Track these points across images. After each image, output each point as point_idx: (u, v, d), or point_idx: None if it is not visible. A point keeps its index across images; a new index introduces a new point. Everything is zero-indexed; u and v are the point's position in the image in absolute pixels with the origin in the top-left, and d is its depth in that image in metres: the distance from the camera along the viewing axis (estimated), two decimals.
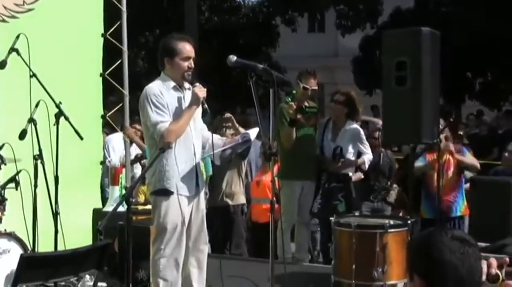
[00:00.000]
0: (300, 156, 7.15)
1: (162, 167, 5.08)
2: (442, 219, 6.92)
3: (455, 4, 19.12)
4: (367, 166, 7.52)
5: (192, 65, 5.24)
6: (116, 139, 8.80)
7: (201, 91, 5.16)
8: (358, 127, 7.64)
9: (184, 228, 5.16)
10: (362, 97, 10.37)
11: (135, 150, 8.41)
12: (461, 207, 7.07)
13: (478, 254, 2.32)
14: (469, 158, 7.21)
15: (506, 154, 7.84)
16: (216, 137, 5.61)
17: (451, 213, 7.04)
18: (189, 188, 5.18)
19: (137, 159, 8.37)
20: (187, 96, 5.22)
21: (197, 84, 5.20)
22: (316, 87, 7.34)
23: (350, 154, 7.38)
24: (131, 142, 7.92)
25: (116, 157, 8.73)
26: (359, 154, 7.45)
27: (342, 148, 7.29)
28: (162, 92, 5.15)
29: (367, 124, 13.69)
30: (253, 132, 5.53)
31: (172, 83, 5.22)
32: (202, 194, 5.37)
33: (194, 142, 5.24)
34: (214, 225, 7.97)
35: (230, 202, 7.96)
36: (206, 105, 5.23)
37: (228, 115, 8.08)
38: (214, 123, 7.41)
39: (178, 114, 5.12)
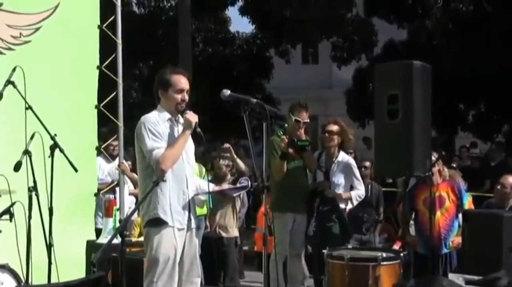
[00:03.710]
0: (291, 188, 7.20)
1: (156, 197, 5.10)
2: (434, 255, 6.94)
3: (448, 37, 19.28)
4: (355, 202, 7.52)
5: (186, 97, 5.29)
6: (102, 160, 8.75)
7: (193, 117, 5.21)
8: (351, 159, 7.68)
9: (176, 260, 5.15)
10: (355, 129, 10.39)
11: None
12: (451, 242, 7.11)
13: None
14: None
15: (498, 187, 7.87)
16: (203, 181, 5.59)
17: (441, 249, 7.08)
18: (181, 221, 5.19)
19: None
20: (181, 129, 5.26)
21: (188, 111, 5.25)
22: (308, 120, 7.37)
23: (342, 188, 7.41)
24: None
25: (105, 173, 8.71)
26: (351, 188, 7.48)
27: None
28: (158, 122, 5.21)
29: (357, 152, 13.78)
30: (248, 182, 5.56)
31: (168, 115, 5.27)
32: (194, 228, 5.37)
33: (187, 175, 5.27)
34: (207, 257, 7.99)
35: (224, 234, 7.99)
36: (199, 129, 5.25)
37: (227, 145, 8.14)
38: (205, 152, 7.44)
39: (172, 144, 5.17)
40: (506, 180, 7.77)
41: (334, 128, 7.47)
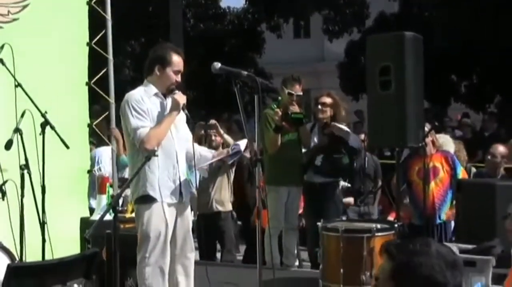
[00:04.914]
0: (285, 161, 7.17)
1: (144, 174, 5.08)
2: (429, 226, 6.96)
3: (439, 8, 19.21)
4: (348, 132, 7.42)
5: (179, 79, 5.28)
6: (106, 153, 8.68)
7: (181, 98, 5.20)
8: (345, 127, 7.62)
9: (168, 235, 5.15)
10: (349, 102, 10.36)
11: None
12: (445, 213, 7.13)
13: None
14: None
15: (489, 156, 7.90)
16: (204, 149, 5.61)
17: (435, 219, 7.09)
18: (172, 195, 5.18)
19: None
20: (169, 103, 5.24)
21: (177, 91, 5.23)
22: (301, 93, 7.34)
23: None
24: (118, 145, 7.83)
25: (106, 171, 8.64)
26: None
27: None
28: (143, 99, 5.17)
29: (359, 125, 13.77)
30: (242, 143, 5.55)
31: (154, 90, 5.23)
32: (186, 202, 5.35)
33: (176, 150, 5.24)
34: (203, 232, 7.99)
35: (220, 208, 7.96)
36: (186, 111, 5.26)
37: (212, 121, 8.07)
38: (195, 129, 7.37)
39: (159, 120, 5.15)
40: (496, 150, 7.81)
41: (328, 100, 7.43)
